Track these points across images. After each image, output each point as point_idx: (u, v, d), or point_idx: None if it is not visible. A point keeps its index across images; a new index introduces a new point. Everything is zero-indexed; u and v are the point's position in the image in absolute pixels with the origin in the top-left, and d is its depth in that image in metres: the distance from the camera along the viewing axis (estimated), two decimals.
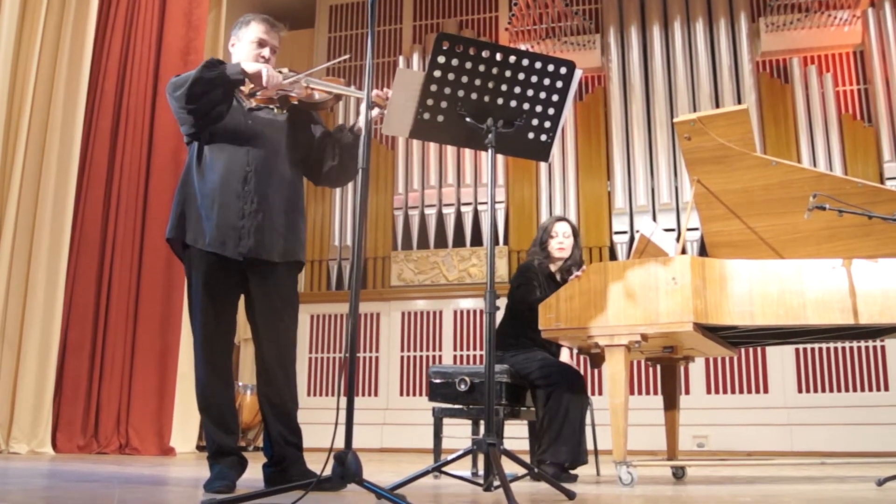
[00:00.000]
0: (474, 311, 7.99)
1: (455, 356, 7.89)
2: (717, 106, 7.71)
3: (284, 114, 3.07)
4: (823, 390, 7.02)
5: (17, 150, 5.49)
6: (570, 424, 3.77)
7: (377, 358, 8.12)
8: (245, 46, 3.06)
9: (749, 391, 7.16)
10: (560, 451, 3.73)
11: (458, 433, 5.04)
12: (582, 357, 4.19)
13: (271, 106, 3.02)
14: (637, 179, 7.80)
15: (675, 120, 3.66)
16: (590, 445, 4.43)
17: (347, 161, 3.07)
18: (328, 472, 2.23)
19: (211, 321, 2.92)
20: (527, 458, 3.68)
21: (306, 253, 3.13)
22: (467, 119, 2.77)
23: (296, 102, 3.00)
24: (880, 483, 3.00)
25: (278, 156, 3.01)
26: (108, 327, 6.04)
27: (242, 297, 3.03)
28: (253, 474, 3.00)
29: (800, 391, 7.07)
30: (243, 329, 8.53)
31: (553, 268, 4.22)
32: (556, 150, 6.76)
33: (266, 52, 3.04)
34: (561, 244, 4.19)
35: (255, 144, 2.97)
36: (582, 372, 4.07)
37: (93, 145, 6.12)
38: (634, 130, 7.95)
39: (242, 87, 3.02)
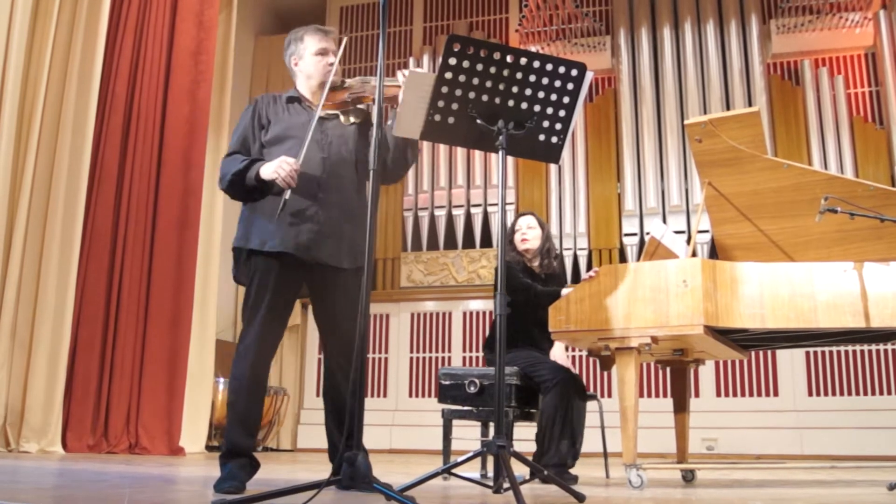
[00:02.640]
0: (484, 313, 7.98)
1: (464, 357, 7.89)
2: (728, 108, 7.69)
3: (351, 122, 3.13)
4: (834, 394, 6.99)
5: (29, 150, 5.52)
6: (568, 425, 3.78)
7: (386, 359, 8.12)
8: (309, 61, 3.15)
9: (759, 394, 7.14)
10: (560, 452, 3.74)
11: (468, 435, 5.04)
12: (591, 358, 4.19)
13: (338, 111, 3.12)
14: (647, 181, 7.79)
15: (685, 122, 3.65)
16: (599, 448, 4.43)
17: (398, 155, 3.12)
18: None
19: (267, 324, 2.96)
20: None
21: None
22: (478, 121, 2.76)
23: (371, 102, 3.09)
24: (891, 487, 2.98)
25: (347, 163, 3.09)
26: (119, 327, 6.06)
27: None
28: (263, 475, 3.00)
29: (810, 394, 7.04)
30: None
31: (528, 262, 4.24)
32: (566, 152, 6.75)
33: (330, 58, 3.13)
34: (524, 235, 4.23)
35: (325, 153, 3.05)
36: (591, 374, 4.07)
37: (104, 146, 6.14)
38: (645, 132, 7.94)
39: (309, 97, 3.15)
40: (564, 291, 3.75)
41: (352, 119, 3.15)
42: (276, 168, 2.86)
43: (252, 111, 3.17)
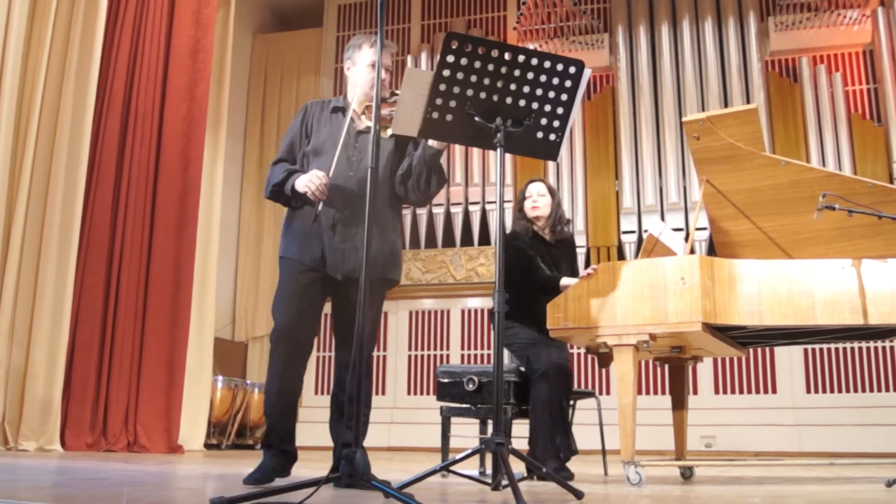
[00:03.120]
0: (482, 311, 7.98)
1: (462, 355, 7.89)
2: (726, 105, 7.70)
3: (389, 135, 3.13)
4: (832, 391, 7.00)
5: (27, 148, 5.50)
6: (559, 420, 3.77)
7: (385, 357, 8.13)
8: (361, 70, 3.16)
9: (757, 391, 7.14)
10: (555, 450, 3.73)
11: (466, 432, 5.04)
12: (589, 356, 4.18)
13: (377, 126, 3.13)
14: (645, 179, 7.79)
15: (683, 119, 3.65)
16: (597, 445, 4.43)
17: (424, 186, 3.13)
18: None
19: (293, 322, 3.04)
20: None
21: None
22: (476, 118, 2.76)
23: None
24: (889, 484, 2.99)
25: (382, 179, 3.09)
26: (117, 325, 6.06)
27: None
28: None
29: (808, 391, 7.05)
30: (250, 328, 8.58)
31: (539, 230, 4.19)
32: (564, 150, 6.75)
33: (382, 73, 3.12)
34: (535, 202, 4.17)
35: (360, 168, 3.06)
36: (590, 371, 4.05)
37: (101, 144, 6.13)
38: (643, 130, 7.94)
39: (355, 106, 3.14)
40: (564, 282, 3.74)
41: (389, 132, 3.13)
42: (307, 182, 2.93)
43: (301, 118, 3.23)
